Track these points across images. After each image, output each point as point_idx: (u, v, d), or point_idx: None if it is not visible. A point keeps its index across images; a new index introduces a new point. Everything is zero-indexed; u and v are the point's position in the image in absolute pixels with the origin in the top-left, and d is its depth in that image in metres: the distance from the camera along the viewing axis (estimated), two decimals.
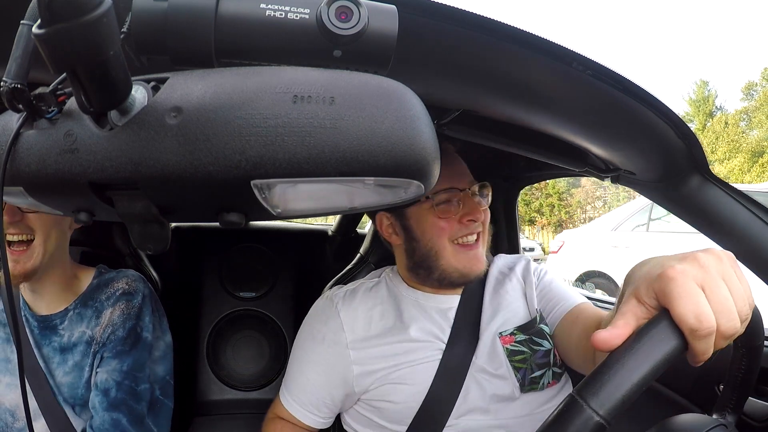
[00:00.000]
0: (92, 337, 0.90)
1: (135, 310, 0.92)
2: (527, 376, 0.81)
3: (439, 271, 0.84)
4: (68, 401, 0.87)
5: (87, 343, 0.89)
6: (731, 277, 0.41)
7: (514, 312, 0.87)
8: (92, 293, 0.93)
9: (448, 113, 0.64)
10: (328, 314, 0.88)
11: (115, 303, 0.91)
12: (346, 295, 0.90)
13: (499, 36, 0.47)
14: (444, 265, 0.83)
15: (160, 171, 0.29)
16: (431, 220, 0.83)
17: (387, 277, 0.94)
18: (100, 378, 0.88)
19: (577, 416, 0.36)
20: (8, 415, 0.87)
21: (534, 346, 0.83)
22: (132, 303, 0.92)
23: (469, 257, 0.83)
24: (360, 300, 0.88)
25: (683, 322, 0.39)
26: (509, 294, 0.90)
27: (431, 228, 0.83)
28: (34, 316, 0.90)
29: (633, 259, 3.38)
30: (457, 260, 0.83)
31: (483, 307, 0.87)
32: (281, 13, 0.29)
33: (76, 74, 0.27)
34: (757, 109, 23.22)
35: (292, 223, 2.01)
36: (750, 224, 0.77)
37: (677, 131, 0.66)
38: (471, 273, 0.83)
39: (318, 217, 0.69)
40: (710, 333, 0.39)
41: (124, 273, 0.97)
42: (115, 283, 0.94)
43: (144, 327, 0.93)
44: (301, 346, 0.89)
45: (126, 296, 0.92)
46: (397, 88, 0.30)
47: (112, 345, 0.89)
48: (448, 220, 0.82)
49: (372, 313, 0.86)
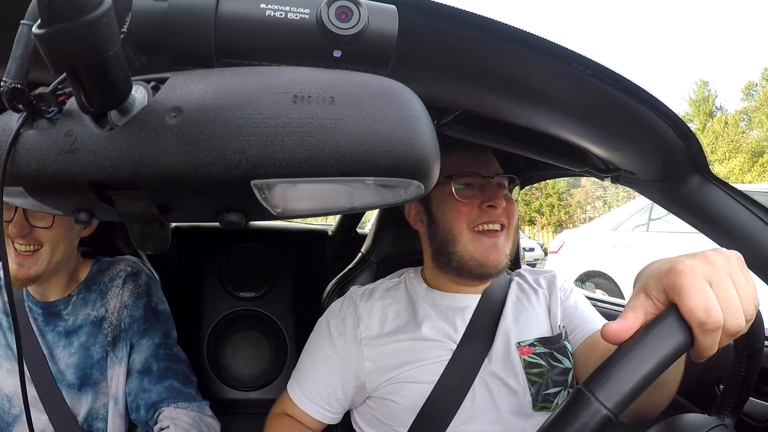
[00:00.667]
0: (99, 317, 0.91)
1: (143, 287, 0.96)
2: (542, 391, 0.78)
3: (456, 258, 0.83)
4: (74, 384, 0.88)
5: (93, 324, 0.91)
6: (738, 276, 0.42)
7: (536, 324, 0.85)
8: (94, 278, 0.96)
9: (448, 113, 0.64)
10: (347, 311, 0.89)
11: (123, 285, 0.94)
12: (364, 293, 0.91)
13: (499, 36, 0.47)
14: (461, 251, 0.82)
15: (160, 171, 0.29)
16: (451, 203, 0.83)
17: (407, 278, 0.94)
18: (138, 361, 0.92)
19: (584, 409, 0.36)
20: (5, 401, 0.88)
21: (553, 361, 0.80)
22: (139, 282, 0.96)
23: (486, 245, 0.81)
24: (377, 298, 0.89)
25: (692, 316, 0.39)
26: (533, 305, 0.88)
27: (450, 211, 0.83)
28: (37, 303, 0.91)
29: (633, 259, 3.38)
30: (474, 247, 0.81)
31: (504, 312, 0.86)
32: (281, 13, 0.29)
33: (76, 74, 0.27)
34: (757, 109, 23.22)
35: (292, 223, 2.01)
36: (750, 224, 0.77)
37: (677, 131, 0.66)
38: (487, 262, 0.81)
39: (318, 217, 0.69)
40: (717, 328, 0.39)
41: (121, 258, 1.00)
42: (116, 265, 0.97)
43: (158, 300, 0.98)
44: (315, 342, 0.90)
45: (132, 277, 0.96)
46: (397, 88, 0.30)
47: (136, 326, 0.92)
48: (467, 205, 0.82)
49: (387, 311, 0.87)
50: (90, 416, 0.89)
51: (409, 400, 0.79)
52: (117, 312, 0.92)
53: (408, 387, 0.80)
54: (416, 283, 0.92)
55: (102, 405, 0.90)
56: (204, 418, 0.92)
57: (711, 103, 26.53)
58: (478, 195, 0.83)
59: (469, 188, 0.83)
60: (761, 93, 23.61)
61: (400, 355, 0.81)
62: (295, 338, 1.67)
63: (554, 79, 0.55)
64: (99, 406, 0.90)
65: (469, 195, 0.83)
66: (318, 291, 1.25)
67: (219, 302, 1.67)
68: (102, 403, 0.90)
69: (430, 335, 0.82)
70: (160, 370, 0.92)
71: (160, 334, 0.95)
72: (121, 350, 0.91)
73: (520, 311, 0.87)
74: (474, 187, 0.84)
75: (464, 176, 0.83)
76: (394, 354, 0.82)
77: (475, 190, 0.83)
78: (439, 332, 0.83)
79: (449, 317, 0.85)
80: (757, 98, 23.73)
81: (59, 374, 0.88)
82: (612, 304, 1.35)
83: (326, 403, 0.86)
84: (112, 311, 0.92)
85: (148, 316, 0.94)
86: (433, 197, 0.86)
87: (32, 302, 0.91)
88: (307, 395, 0.86)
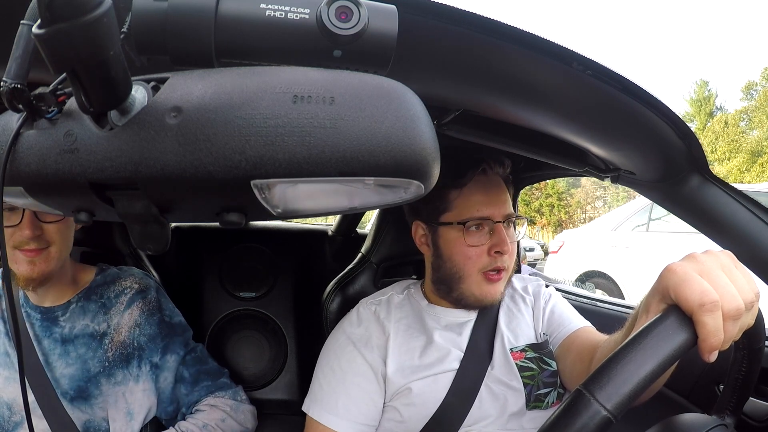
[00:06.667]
0: (100, 332, 0.91)
1: (154, 303, 0.96)
2: (533, 392, 0.82)
3: (457, 292, 0.86)
4: (67, 394, 0.87)
5: (92, 337, 0.90)
6: (730, 268, 0.44)
7: (525, 330, 0.89)
8: (97, 288, 0.95)
9: (448, 113, 0.64)
10: (369, 321, 0.89)
11: (131, 303, 0.94)
12: (381, 303, 0.92)
13: (499, 36, 0.47)
14: (464, 288, 0.85)
15: (160, 171, 0.29)
16: (460, 246, 0.84)
17: (409, 293, 0.95)
18: (167, 376, 0.93)
19: (584, 410, 0.36)
20: (5, 408, 0.87)
21: (543, 365, 0.85)
22: (148, 298, 0.96)
23: (490, 288, 0.85)
24: (394, 310, 0.91)
25: (689, 301, 0.40)
26: (522, 312, 0.92)
27: (459, 254, 0.84)
28: (34, 308, 0.91)
29: (633, 259, 3.39)
30: (477, 288, 0.85)
31: (498, 322, 0.89)
32: (281, 13, 0.29)
33: (76, 74, 0.27)
34: (757, 109, 23.19)
35: (292, 223, 2.01)
36: (750, 224, 0.77)
37: (677, 131, 0.66)
38: (486, 300, 0.85)
39: (318, 217, 0.69)
40: (716, 307, 0.40)
41: (128, 271, 1.00)
42: (122, 281, 0.96)
43: (170, 313, 0.99)
44: (338, 356, 0.85)
45: (140, 294, 0.95)
46: (397, 88, 0.30)
47: (153, 345, 0.93)
48: (476, 249, 0.83)
49: (399, 324, 0.88)
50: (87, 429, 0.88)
51: (422, 407, 0.81)
52: (128, 330, 0.91)
53: (420, 396, 0.81)
54: (419, 297, 0.94)
55: (101, 419, 0.89)
56: (241, 405, 0.97)
57: (711, 103, 26.52)
58: (486, 239, 0.83)
59: (479, 232, 0.84)
60: (761, 93, 23.59)
61: (416, 364, 0.83)
62: (295, 338, 1.67)
63: (554, 79, 0.55)
64: (98, 420, 0.89)
65: (478, 241, 0.83)
66: (318, 291, 1.25)
67: (219, 302, 1.67)
68: (101, 417, 0.89)
69: (442, 344, 0.85)
70: (192, 375, 0.95)
71: (181, 346, 0.96)
72: (136, 368, 0.90)
73: (510, 319, 0.91)
74: (483, 231, 0.84)
75: (476, 220, 0.83)
76: (411, 363, 0.83)
77: (484, 235, 0.84)
78: (448, 342, 0.86)
79: (454, 329, 0.88)
80: (757, 98, 23.70)
81: (54, 382, 0.87)
82: (612, 304, 1.35)
83: (372, 420, 0.82)
84: (116, 328, 0.91)
85: (165, 333, 0.95)
86: (441, 233, 0.86)
87: (30, 307, 0.90)
88: (347, 417, 0.80)
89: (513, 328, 0.89)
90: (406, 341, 0.86)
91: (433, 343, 0.85)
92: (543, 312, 0.92)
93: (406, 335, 0.87)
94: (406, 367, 0.83)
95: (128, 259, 1.22)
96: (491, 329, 0.88)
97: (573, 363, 0.81)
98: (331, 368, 0.85)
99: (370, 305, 0.92)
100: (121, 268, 1.00)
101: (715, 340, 0.40)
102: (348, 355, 0.85)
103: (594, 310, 1.31)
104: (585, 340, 0.82)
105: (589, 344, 0.79)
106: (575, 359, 0.80)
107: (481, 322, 0.89)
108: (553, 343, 0.88)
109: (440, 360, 0.83)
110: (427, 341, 0.86)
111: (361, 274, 1.20)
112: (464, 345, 0.86)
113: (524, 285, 0.98)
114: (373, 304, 0.92)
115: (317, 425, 0.81)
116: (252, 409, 1.00)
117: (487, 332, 0.88)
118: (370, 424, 0.83)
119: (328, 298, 1.18)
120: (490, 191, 0.85)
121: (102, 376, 0.89)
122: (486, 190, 0.84)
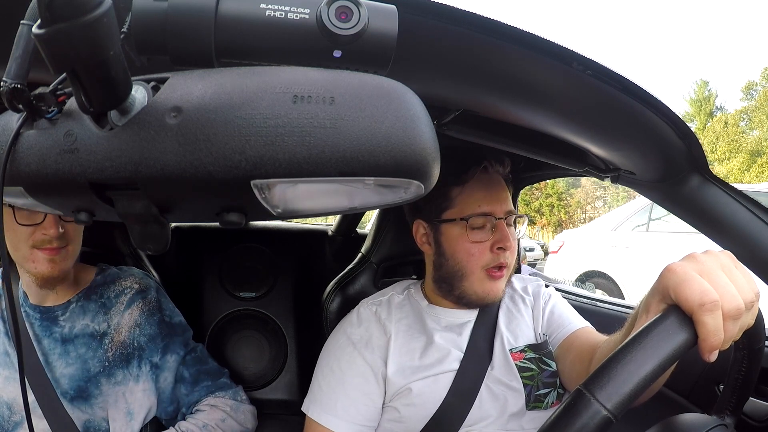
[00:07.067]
0: (100, 332, 0.91)
1: (154, 303, 0.96)
2: (533, 392, 0.82)
3: (459, 290, 0.86)
4: (67, 393, 0.87)
5: (91, 336, 0.90)
6: (730, 268, 0.44)
7: (524, 331, 0.89)
8: (97, 288, 0.95)
9: (448, 113, 0.64)
10: (369, 321, 0.89)
11: (131, 303, 0.94)
12: (382, 303, 0.92)
13: (499, 36, 0.47)
14: (466, 286, 0.85)
15: (160, 171, 0.29)
16: (462, 243, 0.84)
17: (409, 293, 0.95)
18: (167, 376, 0.93)
19: (584, 410, 0.36)
20: (5, 408, 0.87)
21: (543, 365, 0.85)
22: (148, 298, 0.96)
23: (492, 286, 0.85)
24: (394, 310, 0.91)
25: (689, 300, 0.40)
26: (522, 313, 0.92)
27: (462, 251, 0.84)
28: (34, 308, 0.91)
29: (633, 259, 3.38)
30: (479, 285, 0.85)
31: (497, 323, 0.89)
32: (281, 13, 0.29)
33: (76, 74, 0.27)
34: (757, 109, 23.18)
35: (292, 223, 2.01)
36: (750, 224, 0.77)
37: (677, 131, 0.66)
38: (488, 298, 0.86)
39: (318, 217, 0.69)
40: (716, 306, 0.40)
41: (128, 272, 1.00)
42: (122, 281, 0.96)
43: (171, 313, 0.99)
44: (337, 357, 0.86)
45: (140, 294, 0.95)
46: (397, 88, 0.30)
47: (154, 345, 0.93)
48: (479, 246, 0.83)
49: (399, 325, 0.88)
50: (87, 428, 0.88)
51: (422, 408, 0.81)
52: (128, 330, 0.91)
53: (420, 397, 0.81)
54: (419, 298, 0.94)
55: (101, 419, 0.89)
56: (241, 405, 0.98)
57: (711, 103, 26.51)
58: (489, 235, 0.84)
59: (481, 229, 0.84)
60: (761, 93, 23.58)
61: (416, 364, 0.83)
62: (295, 338, 1.67)
63: (554, 79, 0.55)
64: (98, 419, 0.89)
65: (481, 237, 0.84)
66: (318, 291, 1.25)
67: (219, 302, 1.67)
68: (101, 417, 0.89)
69: (442, 345, 0.85)
70: (192, 375, 0.96)
71: (181, 346, 0.97)
72: (136, 368, 0.90)
73: (510, 319, 0.91)
74: (486, 228, 0.84)
75: (478, 216, 0.84)
76: (411, 363, 0.83)
77: (486, 231, 0.84)
78: (448, 342, 0.86)
79: (454, 330, 0.88)
80: (757, 98, 23.69)
81: (54, 382, 0.87)
82: (612, 304, 1.35)
83: (372, 421, 0.83)
84: (116, 328, 0.91)
85: (165, 333, 0.95)
86: (443, 230, 0.87)
87: (29, 307, 0.90)
88: (346, 418, 0.80)
89: (513, 329, 0.89)
90: (406, 342, 0.86)
91: (434, 344, 0.85)
92: (543, 312, 0.92)
93: (407, 336, 0.87)
94: (406, 367, 0.83)
95: (128, 259, 1.22)
96: (491, 330, 0.89)
97: (573, 363, 0.81)
98: (331, 369, 0.85)
99: (371, 306, 0.92)
100: (121, 268, 1.00)
101: (715, 340, 0.40)
102: (348, 356, 0.85)
103: (594, 310, 1.31)
104: (585, 340, 0.83)
105: (588, 344, 0.80)
106: (575, 359, 0.80)
107: (480, 322, 0.89)
108: (552, 343, 0.88)
109: (440, 360, 0.83)
110: (428, 342, 0.86)
111: (361, 274, 1.20)
112: (464, 345, 0.86)
113: (524, 285, 0.98)
114: (374, 304, 0.92)
115: (316, 426, 0.81)
116: (252, 409, 1.00)
117: (487, 333, 0.88)
118: (370, 424, 0.83)
119: (328, 298, 1.18)
120: (491, 188, 0.85)
121: (102, 376, 0.89)
122: (487, 187, 0.85)
